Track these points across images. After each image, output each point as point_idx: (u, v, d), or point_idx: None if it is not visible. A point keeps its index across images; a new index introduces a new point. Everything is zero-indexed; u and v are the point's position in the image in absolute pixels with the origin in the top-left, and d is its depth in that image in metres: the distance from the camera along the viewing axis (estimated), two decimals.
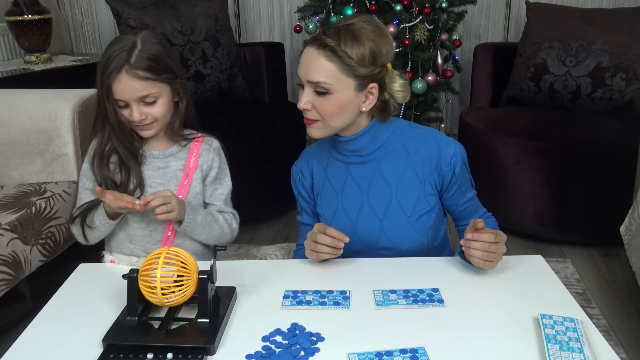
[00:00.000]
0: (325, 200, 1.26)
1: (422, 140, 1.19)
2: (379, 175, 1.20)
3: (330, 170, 1.24)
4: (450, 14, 2.64)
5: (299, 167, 1.30)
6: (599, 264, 2.15)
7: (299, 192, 1.31)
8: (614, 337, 1.70)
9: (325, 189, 1.26)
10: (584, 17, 2.46)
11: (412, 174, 1.18)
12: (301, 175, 1.29)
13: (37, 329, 0.97)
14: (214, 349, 0.88)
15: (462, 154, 1.19)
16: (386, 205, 1.19)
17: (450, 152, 1.17)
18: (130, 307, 0.95)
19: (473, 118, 2.45)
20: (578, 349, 0.83)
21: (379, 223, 1.20)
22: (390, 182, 1.19)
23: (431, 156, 1.17)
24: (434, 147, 1.17)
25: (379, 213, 1.20)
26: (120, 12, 2.44)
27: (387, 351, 0.87)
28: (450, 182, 1.19)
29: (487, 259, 1.05)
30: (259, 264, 1.20)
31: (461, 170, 1.19)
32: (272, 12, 3.30)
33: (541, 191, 2.19)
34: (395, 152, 1.19)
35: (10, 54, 2.98)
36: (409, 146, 1.19)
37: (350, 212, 1.22)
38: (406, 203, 1.19)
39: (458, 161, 1.17)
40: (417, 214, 1.19)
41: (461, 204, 1.24)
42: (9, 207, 1.63)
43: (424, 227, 1.20)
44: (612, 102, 2.39)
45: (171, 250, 0.95)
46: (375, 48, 1.08)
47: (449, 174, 1.18)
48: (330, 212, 1.24)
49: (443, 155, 1.17)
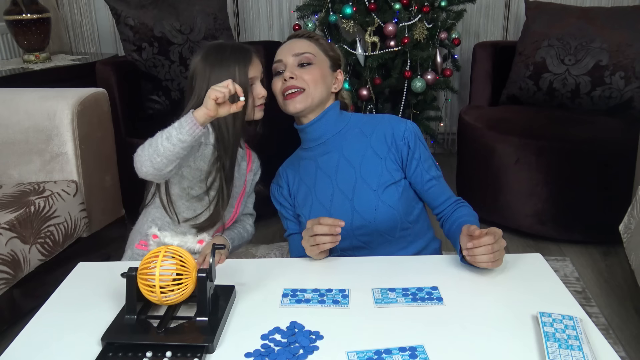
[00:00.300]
0: (302, 199, 1.34)
1: (376, 122, 1.32)
2: (344, 159, 1.30)
3: (302, 171, 1.35)
4: (450, 13, 2.64)
5: (276, 182, 1.42)
6: (598, 262, 2.15)
7: (280, 204, 1.40)
8: (613, 336, 1.70)
9: (300, 189, 1.35)
10: (583, 16, 2.46)
11: (372, 153, 1.28)
12: (278, 186, 1.40)
13: (35, 328, 0.97)
14: (213, 347, 0.88)
15: (415, 130, 1.29)
16: (353, 185, 1.27)
17: (402, 127, 1.28)
18: (129, 305, 0.95)
19: (472, 117, 2.45)
20: (577, 347, 0.83)
21: (350, 203, 1.26)
22: (353, 164, 1.28)
23: (385, 133, 1.29)
24: (388, 126, 1.29)
25: (349, 194, 1.27)
26: (119, 11, 2.44)
27: (386, 349, 0.87)
28: (408, 156, 1.28)
29: (494, 259, 1.06)
30: (258, 263, 1.20)
31: (415, 144, 1.28)
32: (271, 11, 3.30)
33: (540, 190, 2.19)
34: (354, 136, 1.31)
35: (9, 53, 2.98)
36: (365, 129, 1.31)
37: (324, 201, 1.29)
38: (370, 179, 1.26)
39: (411, 135, 1.28)
40: (382, 186, 1.25)
41: (426, 181, 1.29)
42: (8, 206, 1.63)
43: (391, 199, 1.25)
44: (611, 100, 2.39)
45: (170, 249, 0.95)
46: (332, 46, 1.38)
47: (404, 148, 1.27)
48: (307, 207, 1.31)
49: (396, 132, 1.28)
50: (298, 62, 1.28)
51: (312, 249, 1.15)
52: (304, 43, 1.30)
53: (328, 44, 1.34)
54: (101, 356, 0.87)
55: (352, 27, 2.50)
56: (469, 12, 3.12)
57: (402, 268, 1.13)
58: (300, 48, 1.29)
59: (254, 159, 1.45)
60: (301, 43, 1.30)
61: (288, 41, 1.33)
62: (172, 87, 2.52)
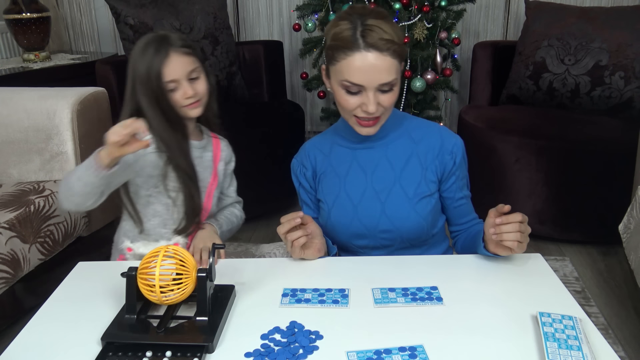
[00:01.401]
0: (327, 185, 1.27)
1: (427, 130, 1.25)
2: (385, 159, 1.23)
3: (333, 156, 1.27)
4: (450, 13, 2.64)
5: (300, 160, 1.32)
6: (598, 262, 2.15)
7: (300, 184, 1.33)
8: (612, 335, 1.70)
9: (327, 174, 1.28)
10: (583, 16, 2.46)
11: (416, 160, 1.23)
12: (302, 166, 1.31)
13: (35, 328, 0.97)
14: (213, 347, 0.88)
15: (463, 147, 1.25)
16: (389, 188, 1.22)
17: (452, 141, 1.23)
18: (129, 305, 0.94)
19: (472, 116, 2.45)
20: (576, 347, 0.83)
21: (381, 205, 1.22)
22: (394, 166, 1.23)
23: (434, 145, 1.23)
24: (438, 137, 1.23)
25: (382, 196, 1.22)
26: (119, 10, 2.44)
27: (385, 349, 0.87)
28: (450, 171, 1.23)
29: (521, 239, 1.05)
30: (258, 262, 1.20)
31: (461, 162, 1.24)
32: (271, 10, 3.30)
33: (540, 189, 2.19)
34: (402, 139, 1.24)
35: (9, 52, 2.98)
36: (415, 135, 1.24)
37: (353, 196, 1.24)
38: (408, 186, 1.22)
39: (459, 151, 1.23)
40: (418, 196, 1.21)
41: (457, 198, 1.27)
42: (8, 205, 1.63)
43: (424, 210, 1.22)
44: (611, 100, 2.39)
45: (170, 248, 0.95)
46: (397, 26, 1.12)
47: (449, 163, 1.23)
48: (332, 196, 1.26)
49: (445, 145, 1.22)
50: (379, 89, 1.09)
51: (294, 250, 1.14)
52: (386, 64, 1.07)
53: (400, 42, 1.09)
54: (101, 356, 0.87)
55: None
56: (469, 12, 3.12)
57: (402, 268, 1.13)
58: (387, 76, 1.07)
59: (223, 147, 1.40)
60: (384, 64, 1.07)
61: (366, 56, 1.06)
62: None
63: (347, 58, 1.07)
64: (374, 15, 1.08)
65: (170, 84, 1.22)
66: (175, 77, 1.22)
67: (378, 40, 1.05)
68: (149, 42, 1.22)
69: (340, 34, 1.08)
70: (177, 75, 1.22)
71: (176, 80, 1.22)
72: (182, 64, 1.22)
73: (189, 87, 1.23)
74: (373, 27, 1.06)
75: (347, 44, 1.06)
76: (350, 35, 1.06)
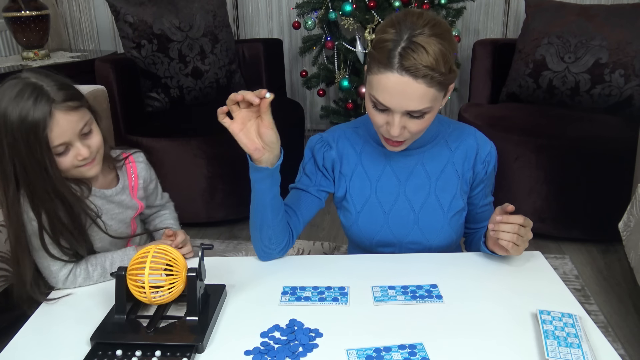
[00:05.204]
0: (356, 186, 1.20)
1: (463, 134, 1.19)
2: (421, 166, 1.18)
3: (365, 156, 1.20)
4: (449, 10, 2.64)
5: (325, 139, 1.22)
6: (598, 260, 2.15)
7: (312, 157, 1.22)
8: (612, 333, 1.70)
9: (357, 174, 1.20)
10: (582, 13, 2.46)
11: (452, 169, 1.18)
12: (327, 145, 1.21)
13: (25, 328, 0.97)
14: (203, 347, 0.88)
15: (496, 155, 1.20)
16: (424, 199, 1.18)
17: (487, 149, 1.18)
18: (119, 305, 0.94)
19: (472, 114, 2.45)
20: (576, 345, 0.83)
21: (415, 216, 1.18)
22: (430, 176, 1.18)
23: (470, 152, 1.17)
24: (473, 143, 1.18)
25: (416, 206, 1.18)
26: (118, 8, 2.43)
27: (385, 347, 0.87)
28: (481, 179, 1.20)
29: (517, 242, 1.04)
30: (258, 261, 1.20)
31: (492, 171, 1.20)
32: (270, 8, 3.30)
33: (540, 187, 2.19)
34: (438, 147, 1.18)
35: (8, 50, 2.98)
36: (451, 141, 1.18)
37: (384, 202, 1.19)
38: (444, 198, 1.18)
39: (492, 159, 1.19)
40: (453, 210, 1.18)
41: (480, 205, 1.24)
42: None
43: (457, 223, 1.19)
44: (611, 98, 2.39)
45: (159, 248, 0.94)
46: (450, 49, 0.98)
47: (482, 171, 1.18)
48: (362, 199, 1.20)
49: (480, 152, 1.17)
50: (408, 114, 1.00)
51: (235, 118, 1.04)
52: (420, 92, 0.96)
53: (448, 66, 0.97)
54: (90, 356, 0.86)
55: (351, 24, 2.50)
56: (469, 10, 3.12)
57: (402, 266, 1.12)
58: (418, 104, 0.98)
59: (139, 170, 1.24)
60: (417, 92, 0.96)
61: (400, 80, 0.96)
62: (171, 85, 2.52)
63: (379, 74, 0.97)
64: (427, 31, 0.95)
65: (59, 147, 1.03)
66: (65, 139, 1.03)
67: (416, 65, 0.94)
68: (21, 90, 1.01)
69: (381, 43, 0.98)
70: (66, 137, 1.03)
71: (66, 143, 1.03)
72: (71, 122, 1.03)
73: (82, 147, 1.05)
74: (417, 47, 0.94)
75: (383, 59, 0.96)
76: (389, 51, 0.95)
